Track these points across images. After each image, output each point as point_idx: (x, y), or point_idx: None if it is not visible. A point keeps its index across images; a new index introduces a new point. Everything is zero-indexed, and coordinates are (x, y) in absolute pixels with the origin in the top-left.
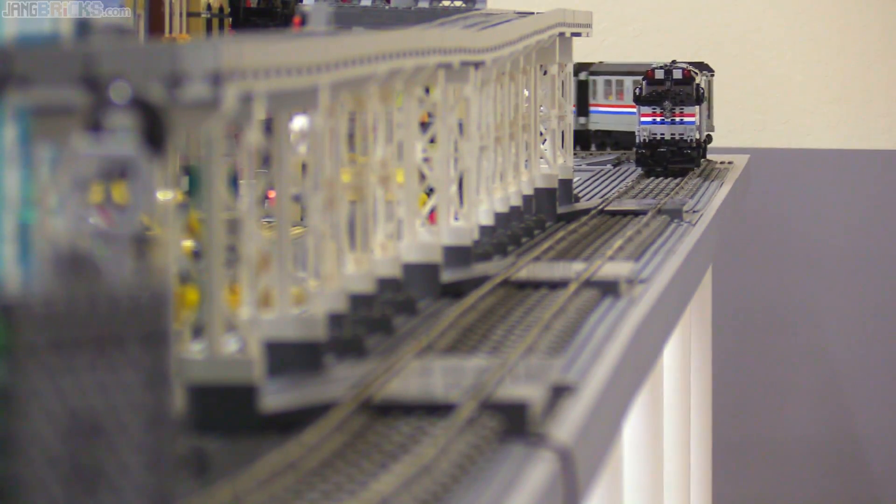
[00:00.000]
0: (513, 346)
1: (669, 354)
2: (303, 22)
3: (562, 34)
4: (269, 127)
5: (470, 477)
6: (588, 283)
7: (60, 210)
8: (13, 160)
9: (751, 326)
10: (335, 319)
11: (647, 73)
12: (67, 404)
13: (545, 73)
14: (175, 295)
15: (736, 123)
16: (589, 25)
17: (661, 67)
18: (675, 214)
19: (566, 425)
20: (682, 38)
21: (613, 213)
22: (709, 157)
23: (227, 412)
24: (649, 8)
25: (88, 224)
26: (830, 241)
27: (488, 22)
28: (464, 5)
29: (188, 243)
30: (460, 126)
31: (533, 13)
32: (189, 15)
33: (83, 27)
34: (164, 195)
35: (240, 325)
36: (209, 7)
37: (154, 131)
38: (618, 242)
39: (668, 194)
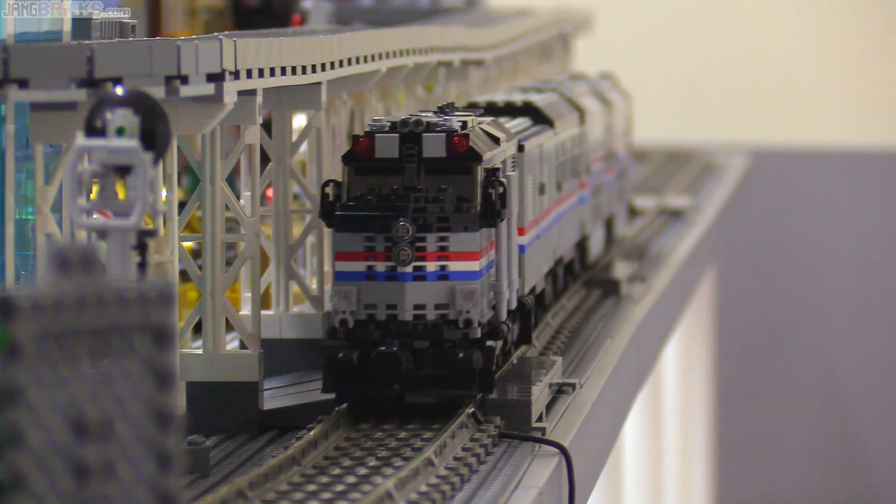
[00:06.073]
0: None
1: (671, 354)
2: (303, 20)
3: (563, 33)
4: (269, 125)
5: (471, 474)
6: (589, 283)
7: (61, 207)
8: (14, 159)
9: (754, 327)
10: None
11: (355, 143)
12: (70, 400)
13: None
14: (177, 293)
15: (738, 122)
16: (591, 24)
17: (381, 130)
18: (677, 215)
19: (566, 425)
20: (683, 36)
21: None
22: (713, 159)
23: (228, 409)
24: (650, 6)
25: (90, 221)
26: (833, 240)
27: (489, 20)
28: (463, 5)
29: (189, 242)
30: None
31: (534, 12)
32: (189, 14)
33: (83, 27)
34: (165, 194)
35: (241, 323)
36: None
37: (154, 130)
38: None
39: None
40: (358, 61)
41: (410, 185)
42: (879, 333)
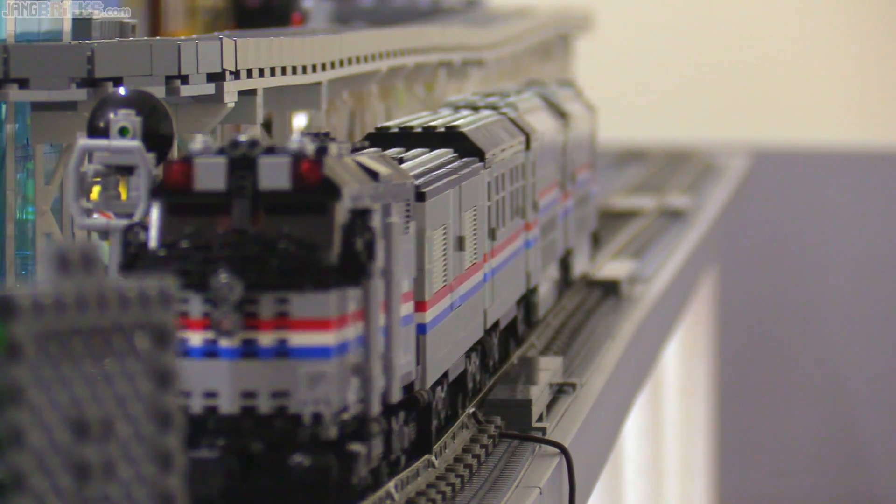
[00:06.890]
0: (514, 345)
1: (672, 354)
2: (304, 20)
3: (563, 33)
4: (269, 125)
5: (471, 474)
6: (589, 283)
7: (62, 207)
8: (14, 159)
9: (755, 327)
10: None
11: (167, 171)
12: (71, 400)
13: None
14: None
15: (738, 122)
16: (591, 24)
17: (203, 154)
18: (677, 215)
19: (567, 425)
20: (683, 36)
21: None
22: (714, 160)
23: None
24: (650, 6)
25: (92, 221)
26: (834, 241)
27: (489, 20)
28: (463, 5)
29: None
30: None
31: (534, 12)
32: (189, 14)
33: (83, 27)
34: None
35: None
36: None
37: (157, 130)
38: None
39: None
40: (358, 61)
41: (242, 227)
42: (881, 333)
